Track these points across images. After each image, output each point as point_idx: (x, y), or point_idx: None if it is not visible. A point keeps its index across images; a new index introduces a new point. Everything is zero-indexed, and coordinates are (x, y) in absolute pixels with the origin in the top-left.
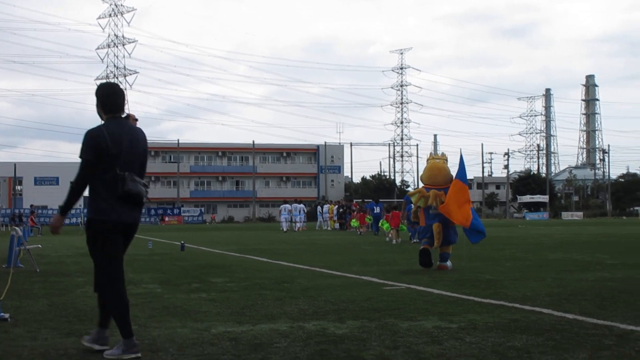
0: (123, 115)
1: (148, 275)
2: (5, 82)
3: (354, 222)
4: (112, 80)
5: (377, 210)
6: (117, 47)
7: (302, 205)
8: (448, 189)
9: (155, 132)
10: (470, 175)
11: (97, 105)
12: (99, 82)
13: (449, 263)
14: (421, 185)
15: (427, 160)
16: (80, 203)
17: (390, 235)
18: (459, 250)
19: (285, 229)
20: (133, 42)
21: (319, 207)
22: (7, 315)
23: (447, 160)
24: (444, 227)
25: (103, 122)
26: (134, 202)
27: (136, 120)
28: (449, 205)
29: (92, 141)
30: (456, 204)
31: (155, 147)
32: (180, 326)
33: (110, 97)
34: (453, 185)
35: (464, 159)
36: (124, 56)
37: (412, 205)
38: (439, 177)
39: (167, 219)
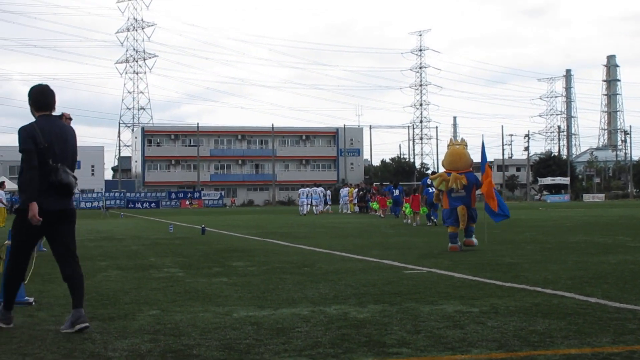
0: (56, 114)
1: (169, 259)
2: (25, 65)
3: (375, 205)
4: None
5: (396, 193)
6: (136, 30)
7: (321, 189)
8: (469, 174)
9: (175, 115)
10: (490, 157)
11: (30, 105)
12: (119, 65)
13: (474, 239)
14: (442, 169)
15: (448, 146)
16: (101, 187)
17: (409, 218)
18: (479, 233)
19: (304, 212)
20: (152, 25)
21: (342, 190)
22: (31, 299)
23: (466, 145)
24: (468, 208)
25: (35, 119)
26: (65, 192)
27: (70, 119)
28: (490, 192)
29: (27, 134)
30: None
31: (175, 131)
32: (202, 310)
33: (40, 97)
34: (488, 170)
35: (484, 145)
36: (143, 40)
37: (430, 189)
38: (459, 163)
39: (187, 202)
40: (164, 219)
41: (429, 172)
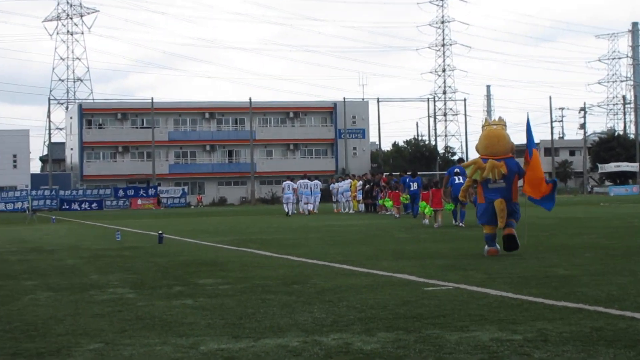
0: None
1: (116, 276)
2: None
3: (387, 202)
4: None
5: (414, 186)
6: None
7: (315, 182)
8: (509, 160)
9: (123, 88)
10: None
11: None
12: (48, 24)
13: (514, 230)
14: (472, 156)
15: (483, 127)
16: (26, 183)
17: (428, 218)
18: (518, 229)
19: (289, 212)
20: None
21: (341, 184)
22: None
23: (505, 125)
24: (507, 202)
25: None
26: None
27: None
28: (534, 180)
29: None
30: (535, 184)
31: (123, 109)
32: (159, 343)
33: None
34: (535, 156)
35: (530, 124)
36: None
37: (456, 178)
38: (497, 147)
39: (140, 201)
40: (109, 223)
41: (455, 158)
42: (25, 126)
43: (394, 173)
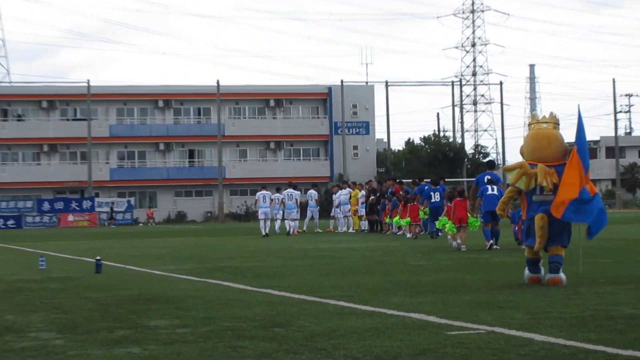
0: None
1: (39, 316)
2: None
3: (398, 221)
4: None
5: (436, 197)
6: None
7: (310, 192)
8: (562, 167)
9: (50, 68)
10: (591, 134)
11: None
12: None
13: (562, 275)
14: (513, 159)
15: (529, 125)
16: None
17: (454, 238)
18: (571, 254)
19: (265, 231)
20: None
21: (338, 194)
22: None
23: (558, 123)
24: (551, 220)
25: None
26: None
27: None
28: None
29: None
30: (573, 181)
31: (50, 95)
32: None
33: None
34: (572, 156)
35: (582, 118)
36: None
37: (488, 188)
38: (547, 150)
39: (71, 217)
40: (30, 246)
41: (487, 160)
42: None
43: (404, 181)
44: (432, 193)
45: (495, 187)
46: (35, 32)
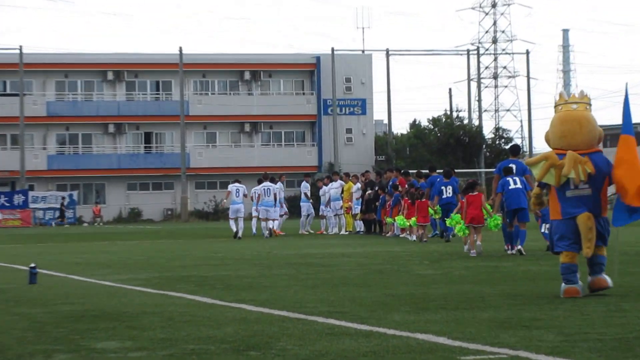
0: None
1: None
2: None
3: (403, 220)
4: None
5: (448, 192)
6: None
7: (277, 186)
8: (596, 155)
9: None
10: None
11: None
12: None
13: (607, 278)
14: (539, 149)
15: (556, 106)
16: None
17: (464, 241)
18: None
19: (237, 230)
20: None
21: (325, 189)
22: None
23: (590, 104)
24: (596, 218)
25: None
26: None
27: None
28: (623, 174)
29: None
30: (632, 170)
31: None
32: None
33: None
34: (622, 142)
35: (629, 99)
36: None
37: (510, 180)
38: (578, 136)
39: (0, 215)
40: None
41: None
42: None
43: (410, 172)
44: (443, 187)
45: (517, 179)
46: None
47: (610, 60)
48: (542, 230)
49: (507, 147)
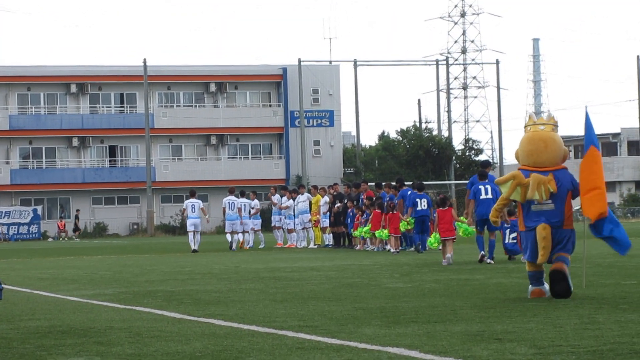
0: None
1: None
2: None
3: (363, 231)
4: None
5: (422, 205)
6: None
7: (254, 201)
8: (561, 172)
9: None
10: (611, 126)
11: None
12: None
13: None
14: (510, 161)
15: (526, 126)
16: None
17: (446, 253)
18: (575, 262)
19: (194, 246)
20: None
21: (283, 200)
22: None
23: (556, 125)
24: (555, 230)
25: None
26: None
27: None
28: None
29: None
30: (590, 183)
31: None
32: None
33: None
34: (588, 155)
35: (590, 118)
36: None
37: (481, 189)
38: (544, 154)
39: None
40: None
41: (482, 158)
42: None
43: (381, 184)
44: (418, 200)
45: (489, 188)
46: None
47: (579, 69)
48: (506, 241)
49: (477, 158)
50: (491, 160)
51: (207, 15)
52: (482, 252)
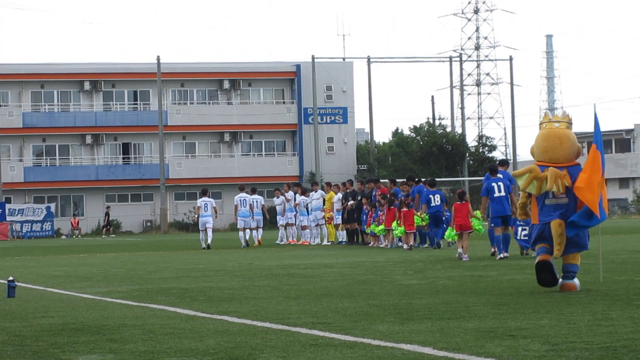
0: None
1: None
2: None
3: (379, 229)
4: None
5: (436, 201)
6: None
7: (259, 198)
8: (574, 168)
9: None
10: (625, 122)
11: None
12: None
13: (576, 281)
14: (524, 157)
15: (541, 124)
16: None
17: (460, 247)
18: (590, 258)
19: (204, 244)
20: None
21: (304, 198)
22: None
23: (570, 123)
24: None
25: None
26: None
27: None
28: (585, 184)
29: None
30: (591, 180)
31: None
32: None
33: None
34: (591, 153)
35: (598, 118)
36: None
37: (495, 186)
38: (559, 151)
39: None
40: None
41: (495, 155)
42: None
43: (396, 180)
44: (431, 196)
45: (502, 185)
46: None
47: (593, 65)
48: (518, 237)
49: (490, 154)
50: (505, 158)
51: (221, 12)
52: (494, 249)
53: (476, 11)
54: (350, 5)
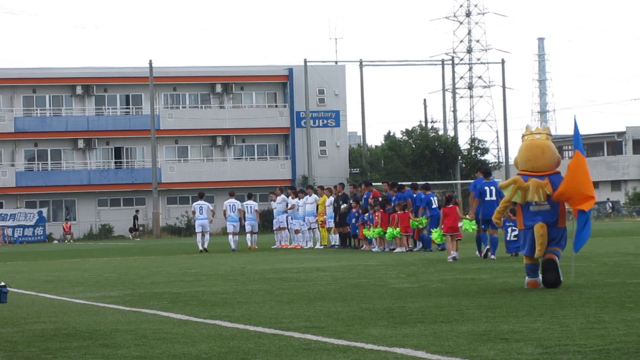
0: None
1: None
2: None
3: (375, 232)
4: None
5: (434, 204)
6: None
7: (253, 203)
8: (555, 176)
9: None
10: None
11: None
12: None
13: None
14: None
15: (523, 136)
16: None
17: (451, 250)
18: (582, 260)
19: (202, 247)
20: None
21: (300, 202)
22: None
23: (550, 135)
24: (550, 228)
25: None
26: None
27: None
28: (570, 186)
29: None
30: (577, 182)
31: None
32: None
33: None
34: (575, 159)
35: (578, 126)
36: None
37: (486, 190)
38: (541, 160)
39: None
40: None
41: (487, 158)
42: None
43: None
44: (431, 198)
45: (494, 190)
46: None
47: (584, 68)
48: (507, 238)
49: (482, 157)
50: (497, 160)
51: (213, 16)
52: (487, 247)
53: (468, 14)
54: (342, 9)
